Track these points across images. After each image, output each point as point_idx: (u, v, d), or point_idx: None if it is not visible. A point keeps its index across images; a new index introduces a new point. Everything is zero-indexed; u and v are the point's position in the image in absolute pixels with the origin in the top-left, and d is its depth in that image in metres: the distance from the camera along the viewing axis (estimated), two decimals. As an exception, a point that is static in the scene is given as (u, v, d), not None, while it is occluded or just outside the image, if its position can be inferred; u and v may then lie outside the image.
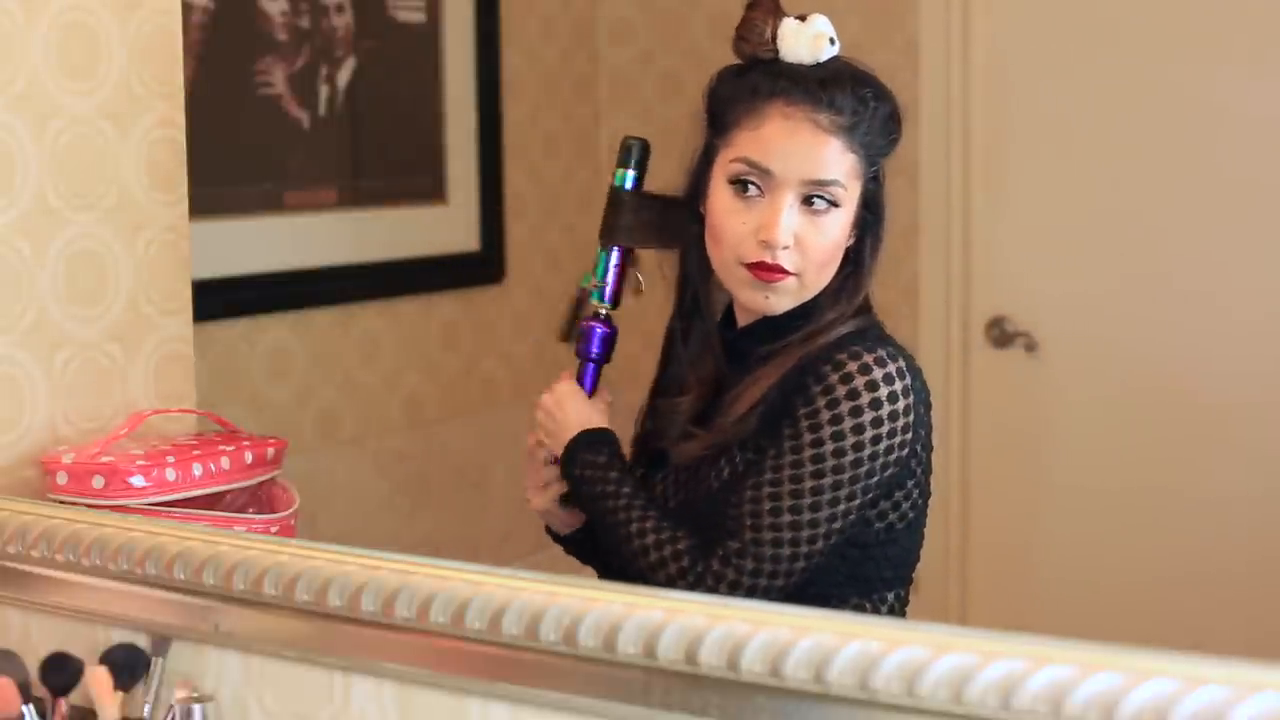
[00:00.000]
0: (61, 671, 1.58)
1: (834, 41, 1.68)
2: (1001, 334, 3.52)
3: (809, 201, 1.66)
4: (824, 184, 1.65)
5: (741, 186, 1.67)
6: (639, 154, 1.82)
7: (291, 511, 1.91)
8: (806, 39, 1.67)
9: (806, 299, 1.69)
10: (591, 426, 1.77)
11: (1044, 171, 3.46)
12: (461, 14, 3.49)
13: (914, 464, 1.67)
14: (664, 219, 1.80)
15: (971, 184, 3.51)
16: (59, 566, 1.68)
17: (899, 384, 1.63)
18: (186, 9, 2.39)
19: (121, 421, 1.93)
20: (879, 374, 1.62)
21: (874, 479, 1.63)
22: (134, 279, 1.99)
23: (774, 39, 1.67)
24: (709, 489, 1.70)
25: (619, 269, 1.83)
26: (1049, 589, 3.44)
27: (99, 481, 1.77)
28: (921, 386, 1.66)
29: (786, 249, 1.65)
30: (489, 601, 1.39)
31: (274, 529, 1.86)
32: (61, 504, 1.78)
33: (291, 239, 3.14)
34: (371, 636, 1.47)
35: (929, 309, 3.56)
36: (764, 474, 1.63)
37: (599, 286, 1.83)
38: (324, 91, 3.20)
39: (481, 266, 3.60)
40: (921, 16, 3.52)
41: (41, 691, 1.59)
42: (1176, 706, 1.08)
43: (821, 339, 1.67)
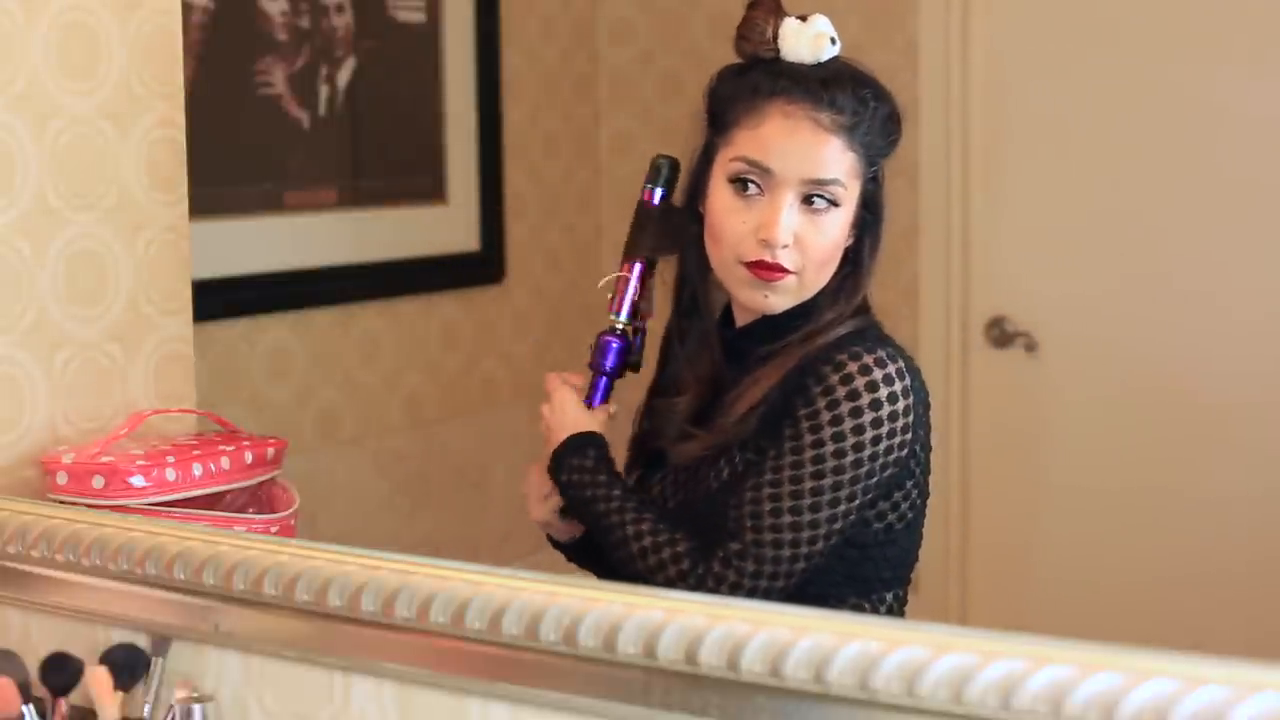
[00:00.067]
0: (61, 671, 1.58)
1: (835, 41, 1.68)
2: (1001, 334, 3.52)
3: (809, 201, 1.66)
4: (824, 183, 1.65)
5: (741, 185, 1.67)
6: (669, 173, 1.81)
7: (291, 511, 1.91)
8: (808, 39, 1.67)
9: (805, 298, 1.69)
10: (582, 431, 1.76)
11: (1044, 171, 3.46)
12: (461, 14, 3.49)
13: (913, 464, 1.67)
14: (676, 224, 1.79)
15: (971, 184, 3.51)
16: (59, 566, 1.68)
17: (899, 384, 1.63)
18: (186, 9, 2.39)
19: (121, 421, 1.93)
20: (879, 374, 1.62)
21: (874, 479, 1.63)
22: (134, 279, 1.99)
23: (775, 38, 1.68)
24: (708, 489, 1.70)
25: (639, 284, 1.82)
26: (1049, 589, 3.44)
27: (99, 481, 1.77)
28: (921, 387, 1.67)
29: (786, 248, 1.65)
30: (489, 601, 1.39)
31: (274, 529, 1.86)
32: (61, 504, 1.78)
33: (291, 239, 3.13)
34: (371, 636, 1.47)
35: (929, 309, 3.55)
36: (764, 475, 1.63)
37: (621, 300, 1.81)
38: (324, 91, 3.20)
39: (481, 266, 3.60)
40: (921, 17, 3.52)
41: (41, 691, 1.59)
42: (1176, 706, 1.08)
43: (821, 339, 1.67)
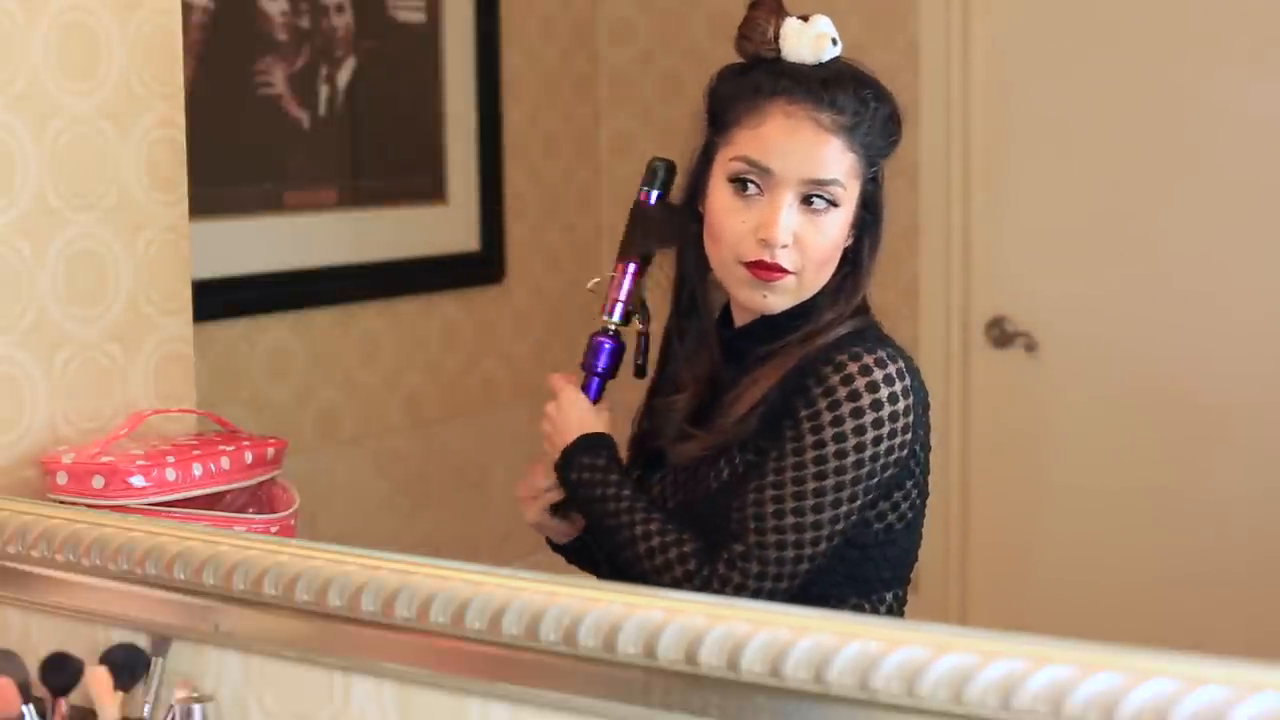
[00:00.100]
0: (61, 671, 1.58)
1: (836, 42, 1.68)
2: (1001, 334, 3.52)
3: (808, 201, 1.65)
4: (823, 183, 1.65)
5: (741, 185, 1.67)
6: (665, 175, 1.81)
7: (291, 511, 1.91)
8: (809, 39, 1.67)
9: (805, 298, 1.69)
10: (590, 431, 1.77)
11: (1044, 171, 3.46)
12: (461, 14, 3.49)
13: (913, 464, 1.67)
14: (672, 223, 1.79)
15: (971, 184, 3.51)
16: (59, 566, 1.68)
17: (899, 385, 1.63)
18: (186, 9, 2.38)
19: (121, 421, 1.93)
20: (879, 375, 1.62)
21: (875, 479, 1.63)
22: (134, 279, 1.99)
23: (776, 38, 1.67)
24: (708, 489, 1.70)
25: (633, 284, 1.82)
26: (1049, 589, 3.44)
27: (99, 481, 1.77)
28: (920, 387, 1.66)
29: (785, 248, 1.65)
30: (489, 601, 1.39)
31: (274, 529, 1.86)
32: (61, 504, 1.78)
33: (291, 239, 3.13)
34: (371, 636, 1.47)
35: (929, 309, 3.55)
36: (766, 476, 1.63)
37: (614, 301, 1.82)
38: (324, 91, 3.20)
39: (481, 266, 3.60)
40: (921, 17, 3.52)
41: (41, 691, 1.59)
42: (1176, 706, 1.08)
43: (821, 339, 1.67)
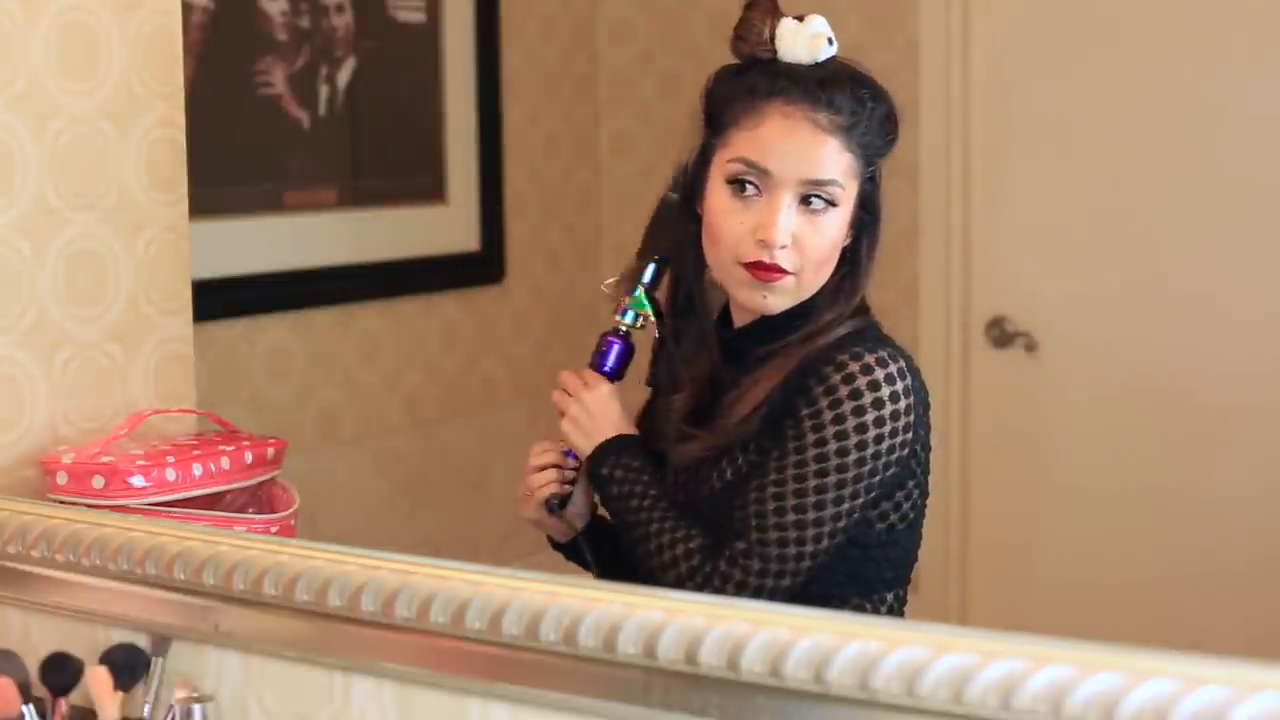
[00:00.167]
0: (61, 671, 1.58)
1: (832, 41, 1.68)
2: (1001, 334, 3.52)
3: (807, 201, 1.65)
4: (822, 184, 1.65)
5: (739, 186, 1.67)
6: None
7: (291, 511, 1.91)
8: (805, 39, 1.66)
9: (804, 299, 1.69)
10: (625, 432, 1.77)
11: (1044, 171, 3.46)
12: (461, 14, 3.49)
13: (914, 464, 1.67)
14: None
15: (971, 184, 3.51)
16: (59, 566, 1.68)
17: (900, 384, 1.63)
18: (186, 9, 2.39)
19: (121, 421, 1.93)
20: (880, 374, 1.62)
21: (876, 478, 1.63)
22: (134, 279, 1.99)
23: (772, 39, 1.67)
24: (710, 489, 1.70)
25: (649, 286, 1.81)
26: (1049, 589, 3.44)
27: (99, 481, 1.77)
28: (921, 386, 1.67)
29: (784, 248, 1.65)
30: (489, 601, 1.39)
31: (274, 529, 1.86)
32: (61, 504, 1.78)
33: (291, 239, 3.13)
34: (371, 636, 1.47)
35: (929, 309, 3.55)
36: (768, 475, 1.63)
37: (628, 302, 1.81)
38: (324, 91, 3.20)
39: (481, 266, 3.60)
40: (921, 17, 3.52)
41: (41, 691, 1.59)
42: (1176, 706, 1.08)
43: (821, 339, 1.67)
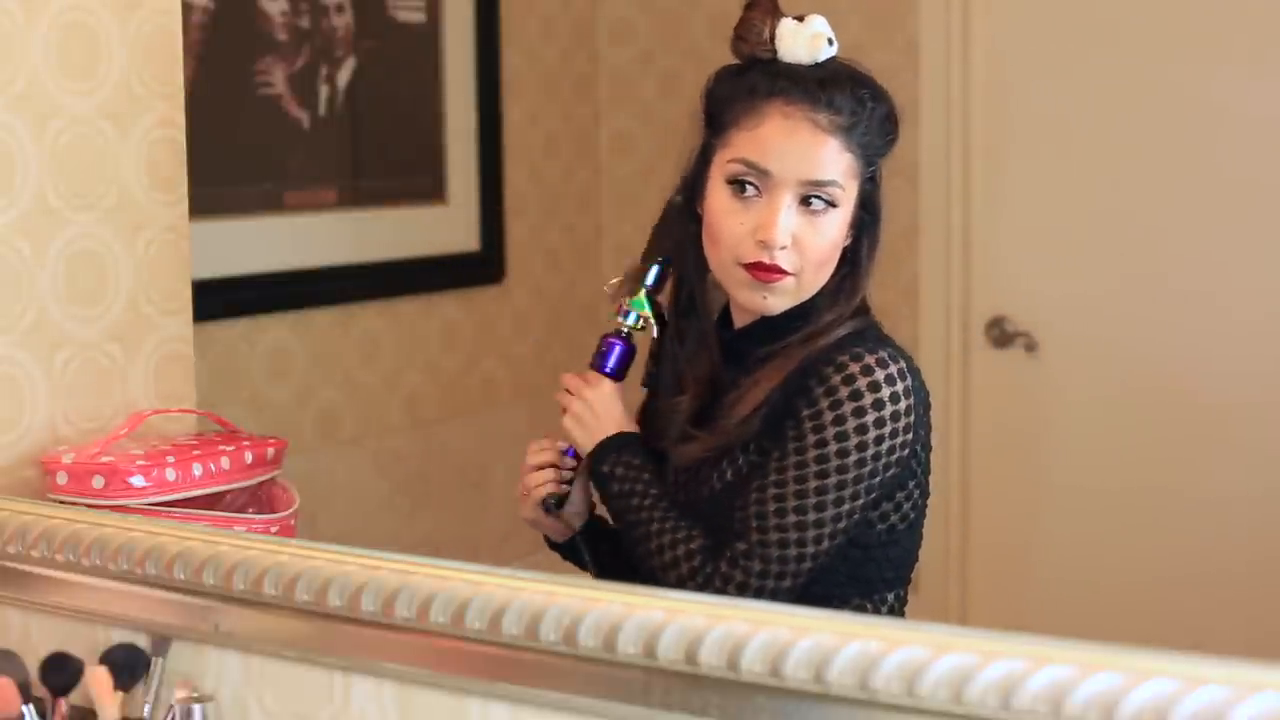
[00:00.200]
0: (61, 671, 1.58)
1: (832, 42, 1.68)
2: (1001, 334, 3.52)
3: (807, 202, 1.65)
4: (822, 184, 1.65)
5: (739, 187, 1.66)
6: None
7: (291, 511, 1.91)
8: (805, 39, 1.66)
9: (804, 299, 1.69)
10: (628, 429, 1.77)
11: (1044, 171, 3.46)
12: (461, 14, 3.49)
13: (915, 464, 1.67)
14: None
15: (971, 184, 3.51)
16: (59, 566, 1.68)
17: (900, 385, 1.63)
18: (186, 9, 2.39)
19: (121, 421, 1.93)
20: (881, 375, 1.62)
21: (877, 479, 1.63)
22: (134, 279, 1.99)
23: (772, 39, 1.67)
24: (711, 490, 1.70)
25: (653, 287, 1.81)
26: (1049, 589, 3.44)
27: (99, 481, 1.77)
28: (921, 387, 1.67)
29: (784, 249, 1.65)
30: (489, 601, 1.39)
31: (274, 529, 1.86)
32: (61, 504, 1.78)
33: (291, 239, 3.14)
34: (371, 636, 1.47)
35: (929, 309, 3.55)
36: (769, 476, 1.63)
37: (630, 303, 1.81)
38: (324, 91, 3.20)
39: (481, 266, 3.60)
40: (921, 17, 3.52)
41: (41, 691, 1.59)
42: (1176, 706, 1.08)
43: (821, 340, 1.67)
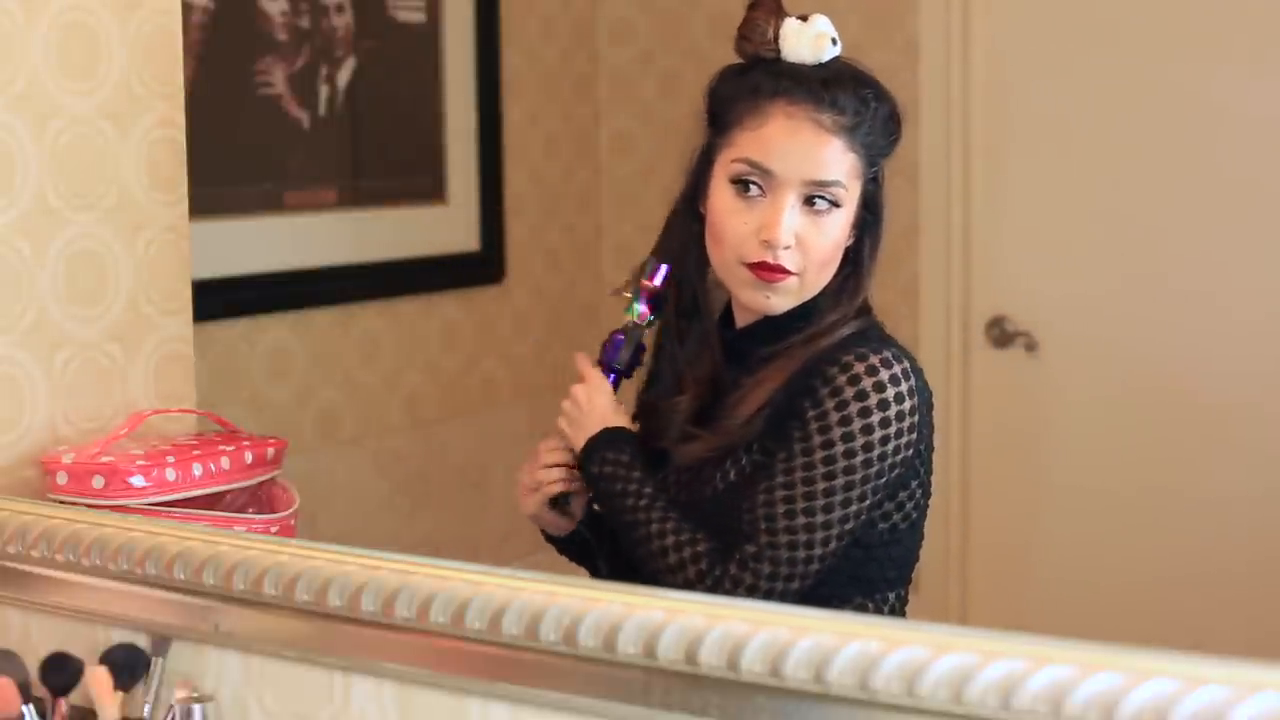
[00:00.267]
0: (61, 671, 1.58)
1: (836, 42, 1.68)
2: (1001, 334, 3.52)
3: (810, 202, 1.65)
4: (825, 184, 1.65)
5: (743, 186, 1.67)
6: None
7: (291, 511, 1.91)
8: (809, 39, 1.66)
9: (807, 299, 1.69)
10: (614, 425, 1.77)
11: (1044, 171, 3.46)
12: (461, 14, 3.49)
13: (918, 464, 1.67)
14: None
15: (971, 184, 3.51)
16: (59, 566, 1.68)
17: (904, 385, 1.63)
18: (186, 9, 2.38)
19: (121, 421, 1.93)
20: (885, 375, 1.62)
21: (882, 479, 1.63)
22: (134, 279, 1.99)
23: (776, 39, 1.67)
24: (714, 490, 1.70)
25: (663, 285, 1.80)
26: (1049, 589, 3.44)
27: (99, 481, 1.77)
28: (924, 387, 1.67)
29: (788, 249, 1.65)
30: (489, 601, 1.39)
31: (274, 529, 1.86)
32: (61, 504, 1.78)
33: (291, 239, 3.13)
34: (371, 636, 1.47)
35: (929, 309, 3.55)
36: (775, 477, 1.63)
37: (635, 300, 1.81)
38: (324, 91, 3.20)
39: (481, 266, 3.60)
40: (921, 16, 3.52)
41: (41, 691, 1.59)
42: (1176, 706, 1.08)
43: (824, 340, 1.67)
